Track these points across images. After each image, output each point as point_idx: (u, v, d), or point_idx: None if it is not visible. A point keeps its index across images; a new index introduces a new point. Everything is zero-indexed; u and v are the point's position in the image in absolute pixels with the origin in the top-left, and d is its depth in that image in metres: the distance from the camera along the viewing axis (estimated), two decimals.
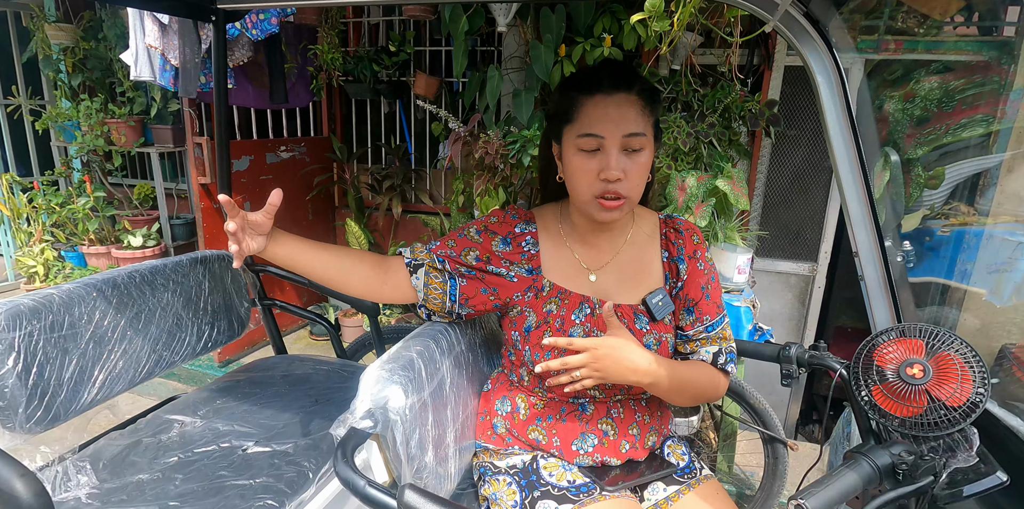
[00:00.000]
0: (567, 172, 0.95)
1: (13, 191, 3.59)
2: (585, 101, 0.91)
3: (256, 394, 1.51)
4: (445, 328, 1.09)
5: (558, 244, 1.02)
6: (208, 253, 1.59)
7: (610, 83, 0.90)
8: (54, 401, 1.15)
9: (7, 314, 1.10)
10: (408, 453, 0.87)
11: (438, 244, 1.03)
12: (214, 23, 1.60)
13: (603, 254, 1.03)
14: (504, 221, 1.04)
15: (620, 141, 0.90)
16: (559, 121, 0.95)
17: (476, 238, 1.03)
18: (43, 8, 3.50)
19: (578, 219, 1.02)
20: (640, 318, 0.99)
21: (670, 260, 1.03)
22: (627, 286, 1.01)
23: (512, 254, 1.01)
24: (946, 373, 0.92)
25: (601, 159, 0.90)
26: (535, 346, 0.98)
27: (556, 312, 0.99)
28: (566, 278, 1.01)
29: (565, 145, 0.94)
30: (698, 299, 1.01)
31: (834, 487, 0.68)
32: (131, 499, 1.10)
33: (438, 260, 1.01)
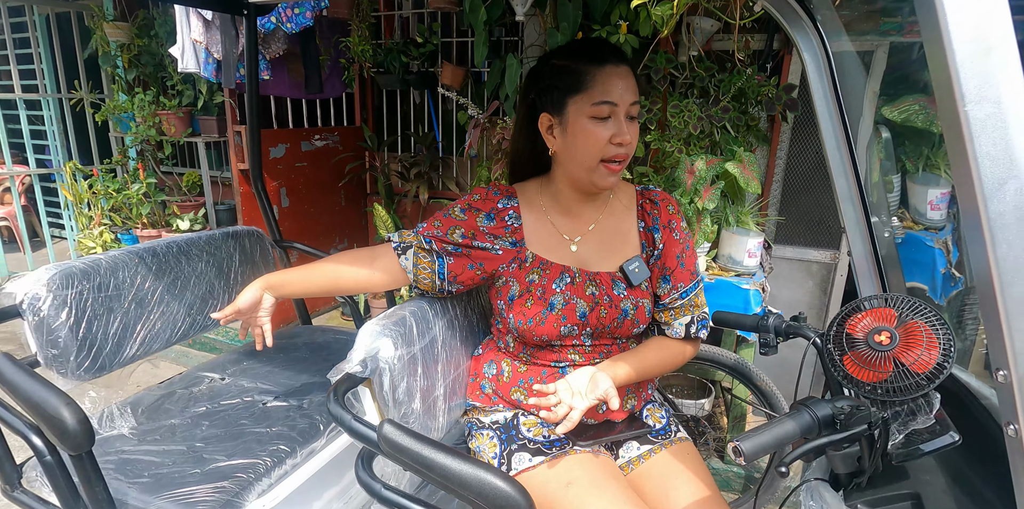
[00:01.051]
0: (574, 141, 0.98)
1: (76, 178, 3.88)
2: (597, 71, 0.95)
3: (279, 358, 1.65)
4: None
5: (539, 216, 1.08)
6: (239, 229, 1.73)
7: (615, 56, 0.97)
8: (100, 353, 1.30)
9: (61, 274, 1.25)
10: (396, 398, 0.96)
11: (424, 226, 1.08)
12: (246, 17, 1.73)
13: (583, 224, 1.08)
14: (487, 198, 1.08)
15: (627, 108, 0.96)
16: (564, 91, 0.97)
17: (461, 216, 1.07)
18: (102, 8, 3.76)
19: (565, 189, 1.06)
20: (618, 284, 1.06)
21: (646, 229, 1.09)
22: (606, 254, 1.07)
23: (496, 229, 1.06)
24: (913, 340, 0.94)
25: (611, 125, 0.96)
26: (518, 314, 1.05)
27: (538, 282, 1.04)
28: (548, 249, 1.06)
29: (572, 114, 0.97)
30: (674, 268, 1.07)
31: (771, 433, 0.73)
32: (163, 439, 1.24)
33: (425, 241, 1.06)
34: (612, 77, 0.95)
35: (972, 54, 0.44)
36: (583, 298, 1.03)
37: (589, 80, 0.95)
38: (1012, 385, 0.51)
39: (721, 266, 2.08)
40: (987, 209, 0.46)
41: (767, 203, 2.54)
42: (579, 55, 0.98)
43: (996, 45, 0.44)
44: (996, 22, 0.44)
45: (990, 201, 0.46)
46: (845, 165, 1.17)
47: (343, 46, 3.12)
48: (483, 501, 0.74)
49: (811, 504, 0.91)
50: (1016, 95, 0.45)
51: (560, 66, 0.99)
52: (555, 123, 1.00)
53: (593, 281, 1.05)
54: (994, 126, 0.45)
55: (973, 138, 0.45)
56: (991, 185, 0.46)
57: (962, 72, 0.45)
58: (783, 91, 2.14)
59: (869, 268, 1.19)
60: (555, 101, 0.99)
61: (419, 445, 0.77)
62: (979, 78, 0.45)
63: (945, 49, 0.45)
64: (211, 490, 1.08)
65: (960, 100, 0.45)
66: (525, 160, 1.11)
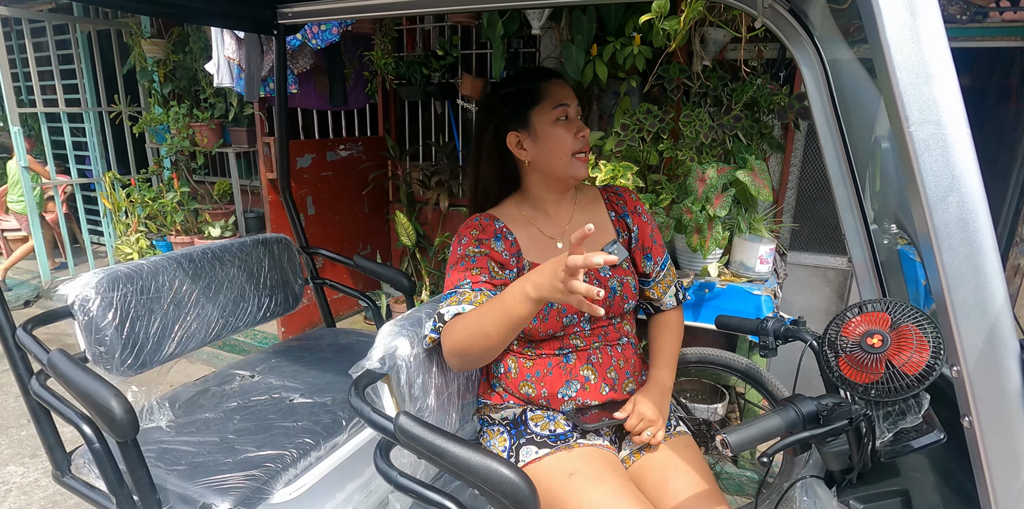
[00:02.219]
0: (546, 145, 1.12)
1: (115, 187, 4.08)
2: (545, 84, 1.13)
3: (305, 357, 1.74)
4: None
5: (525, 224, 1.18)
6: (269, 236, 1.83)
7: (550, 73, 1.16)
8: (142, 351, 1.41)
9: (108, 278, 1.36)
10: (411, 393, 1.04)
11: (470, 281, 1.05)
12: (275, 36, 1.84)
13: (561, 221, 1.19)
14: (483, 226, 1.13)
15: (575, 109, 1.13)
16: (525, 107, 1.12)
17: (482, 251, 1.10)
18: (140, 26, 3.96)
19: (541, 192, 1.18)
20: (603, 268, 1.14)
21: (618, 217, 1.23)
22: (587, 245, 1.15)
23: (508, 248, 1.13)
24: (904, 342, 0.98)
25: (572, 123, 1.13)
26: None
27: None
28: (541, 253, 1.16)
29: (539, 121, 1.12)
30: (651, 246, 1.23)
31: (756, 427, 0.78)
32: (198, 431, 1.33)
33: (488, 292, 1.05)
34: (557, 87, 1.13)
35: (914, 82, 0.50)
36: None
37: (542, 92, 1.13)
38: (964, 379, 0.56)
39: (733, 272, 2.11)
40: (933, 219, 0.52)
41: (782, 210, 2.57)
42: (524, 79, 1.15)
43: (936, 74, 0.49)
44: (935, 54, 0.49)
45: (935, 212, 0.51)
46: (844, 175, 1.21)
47: (367, 59, 3.25)
48: (489, 487, 0.80)
49: (805, 500, 0.95)
50: (955, 118, 0.50)
51: (512, 91, 1.14)
52: (523, 137, 1.14)
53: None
54: (936, 145, 0.50)
55: (918, 156, 0.51)
56: (935, 198, 0.51)
57: (906, 97, 0.50)
58: (795, 99, 2.17)
59: (869, 274, 1.23)
60: (519, 118, 1.14)
61: (432, 434, 0.84)
62: (921, 103, 0.50)
63: (890, 76, 0.51)
64: (242, 478, 1.17)
65: (905, 122, 0.51)
66: (495, 185, 1.20)
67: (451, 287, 1.07)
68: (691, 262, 2.14)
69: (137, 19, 4.06)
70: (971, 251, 0.51)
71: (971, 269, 0.51)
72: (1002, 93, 2.33)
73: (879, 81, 0.53)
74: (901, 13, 0.49)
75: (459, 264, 1.09)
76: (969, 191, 0.50)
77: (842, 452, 0.92)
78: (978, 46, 2.18)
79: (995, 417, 0.55)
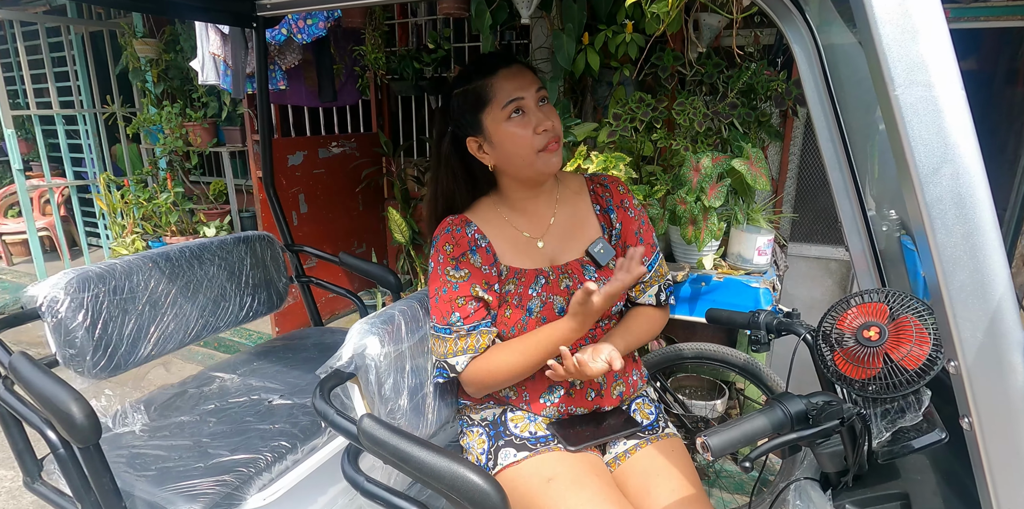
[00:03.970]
0: (504, 147, 1.02)
1: (110, 189, 4.06)
2: (491, 80, 1.01)
3: (288, 358, 1.69)
4: None
5: (501, 226, 1.09)
6: (250, 234, 1.78)
7: (501, 60, 1.02)
8: (115, 353, 1.36)
9: (79, 278, 1.31)
10: (382, 395, 0.98)
11: (460, 317, 1.02)
12: (255, 29, 1.79)
13: (542, 220, 1.11)
14: (455, 237, 1.06)
15: (535, 97, 1.01)
16: (474, 112, 1.03)
17: (462, 275, 1.04)
18: (132, 26, 3.93)
19: (514, 192, 1.09)
20: (588, 268, 1.08)
21: (602, 211, 1.13)
22: (570, 243, 1.10)
23: (484, 258, 1.06)
24: (903, 335, 0.92)
25: (529, 118, 1.01)
26: (499, 324, 1.07)
27: (514, 291, 1.06)
28: (518, 255, 1.08)
29: (491, 125, 1.02)
30: (635, 244, 1.12)
31: (739, 428, 0.72)
32: (172, 435, 1.29)
33: (483, 326, 1.04)
34: (506, 79, 1.01)
35: (899, 38, 0.44)
36: (558, 294, 1.06)
37: (489, 91, 1.01)
38: (962, 376, 0.50)
39: (730, 264, 2.05)
40: (924, 195, 0.46)
41: (781, 200, 2.50)
42: (472, 76, 1.04)
43: (924, 28, 0.43)
44: (924, 4, 0.43)
45: (927, 186, 0.45)
46: (840, 159, 1.15)
47: (357, 54, 3.19)
48: (456, 494, 0.75)
49: (798, 503, 0.89)
50: (947, 78, 0.44)
51: (461, 92, 1.04)
52: (482, 141, 1.05)
53: (565, 273, 1.08)
54: (926, 110, 0.44)
55: (906, 122, 0.45)
56: (926, 170, 0.45)
57: (890, 56, 0.44)
58: (793, 85, 2.10)
59: (867, 264, 1.17)
60: (471, 123, 1.04)
61: (396, 438, 0.79)
62: (908, 62, 0.44)
63: (872, 31, 0.45)
64: (213, 483, 1.12)
65: (890, 84, 0.45)
66: (462, 190, 1.11)
67: (440, 319, 1.04)
68: (686, 255, 2.07)
69: (130, 19, 4.03)
70: (968, 230, 0.45)
71: (968, 251, 0.45)
72: (1008, 76, 2.25)
73: (861, 38, 0.47)
74: None
75: (442, 291, 1.04)
76: (965, 162, 0.44)
77: (836, 453, 0.86)
78: (982, 27, 2.10)
79: (997, 418, 0.49)
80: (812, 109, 1.15)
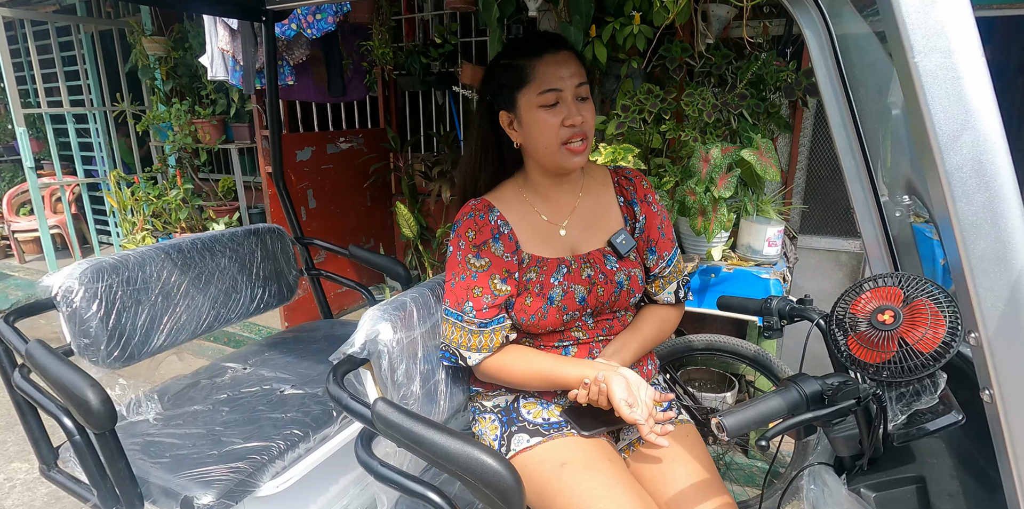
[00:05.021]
0: (531, 131, 1.01)
1: (120, 186, 4.09)
2: (536, 63, 0.99)
3: (299, 349, 1.70)
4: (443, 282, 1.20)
5: (525, 212, 1.08)
6: (261, 226, 1.79)
7: (550, 45, 1.00)
8: (129, 343, 1.37)
9: (92, 268, 1.32)
10: (395, 380, 0.99)
11: (473, 307, 1.02)
12: (264, 23, 1.80)
13: (565, 207, 1.10)
14: (477, 224, 1.05)
15: (574, 91, 0.99)
16: (511, 88, 1.02)
17: (483, 264, 1.03)
18: (141, 24, 3.95)
19: (539, 177, 1.09)
20: (609, 259, 1.08)
21: (626, 203, 1.13)
22: (592, 232, 1.09)
23: (506, 246, 1.05)
24: (918, 318, 0.91)
25: (560, 110, 0.99)
26: (519, 312, 1.06)
27: (535, 279, 1.06)
28: (540, 242, 1.08)
29: (523, 107, 1.01)
30: (657, 239, 1.12)
31: (755, 409, 0.72)
32: (186, 423, 1.30)
33: (496, 323, 1.03)
34: (551, 66, 0.99)
35: (918, 4, 0.44)
36: (580, 283, 1.05)
37: (530, 73, 1.00)
38: (983, 347, 0.49)
39: (740, 256, 2.04)
40: (944, 162, 0.45)
41: (791, 191, 2.48)
42: (519, 52, 1.02)
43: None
44: None
45: (947, 154, 0.45)
46: (852, 145, 1.14)
47: (364, 50, 3.20)
48: (471, 476, 0.75)
49: (812, 488, 0.89)
50: (968, 45, 0.44)
51: (504, 65, 1.03)
52: (513, 118, 1.05)
53: (587, 262, 1.07)
54: (946, 77, 0.44)
55: (925, 90, 0.45)
56: (946, 138, 0.45)
57: (909, 22, 0.44)
58: (803, 76, 2.09)
59: (880, 250, 1.16)
60: (507, 98, 1.04)
61: (410, 421, 0.79)
62: (927, 28, 0.44)
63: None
64: (226, 470, 1.13)
65: (909, 51, 0.44)
66: (489, 165, 1.11)
67: (454, 304, 1.04)
68: (696, 246, 2.07)
69: (139, 18, 4.06)
70: (989, 198, 0.45)
71: (989, 219, 0.45)
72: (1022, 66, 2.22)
73: (880, 7, 0.47)
74: None
75: (459, 277, 1.04)
76: (985, 128, 0.44)
77: (851, 436, 0.85)
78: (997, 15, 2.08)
79: (1019, 388, 0.48)
80: (824, 96, 1.14)
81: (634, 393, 0.91)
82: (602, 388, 0.92)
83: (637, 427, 0.90)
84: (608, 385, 0.91)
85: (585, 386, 0.95)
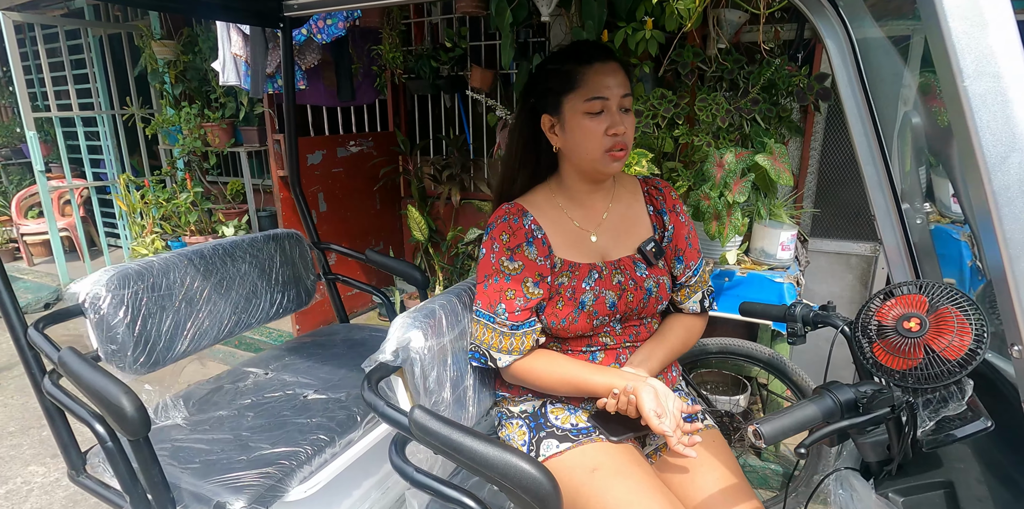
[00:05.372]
0: (573, 136, 1.04)
1: (129, 189, 4.11)
2: (586, 70, 1.02)
3: (319, 354, 1.72)
4: (470, 287, 1.21)
5: (558, 217, 1.10)
6: (280, 232, 1.81)
7: (601, 54, 1.02)
8: (155, 349, 1.39)
9: (119, 275, 1.34)
10: (427, 387, 1.00)
11: (506, 310, 1.04)
12: (282, 29, 1.81)
13: (596, 213, 1.13)
14: (513, 228, 1.06)
15: (619, 101, 1.02)
16: (557, 92, 1.04)
17: (516, 267, 1.05)
18: (150, 28, 3.97)
19: (574, 183, 1.11)
20: (639, 265, 1.10)
21: (656, 212, 1.15)
22: (622, 239, 1.11)
23: (540, 251, 1.07)
24: (944, 326, 0.92)
25: (605, 118, 1.02)
26: (550, 316, 1.08)
27: (567, 283, 1.07)
28: (573, 248, 1.09)
29: (569, 111, 1.03)
30: (684, 248, 1.14)
31: (791, 416, 0.73)
32: (212, 428, 1.32)
33: (529, 324, 1.05)
34: (600, 74, 1.01)
35: (968, 30, 0.45)
36: (611, 289, 1.07)
37: (579, 79, 1.02)
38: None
39: (753, 260, 2.05)
40: (992, 183, 0.47)
41: (802, 195, 2.49)
42: (569, 58, 1.04)
43: (993, 20, 0.45)
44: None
45: (994, 175, 0.46)
46: (873, 152, 1.15)
47: (374, 54, 3.22)
48: (509, 482, 0.77)
49: (840, 493, 0.90)
50: (1016, 70, 0.45)
51: (553, 70, 1.06)
52: (555, 122, 1.07)
53: (618, 268, 1.10)
54: (994, 100, 0.45)
55: (973, 113, 0.46)
56: (994, 159, 0.46)
57: (959, 48, 0.45)
58: (815, 81, 2.10)
59: (901, 256, 1.17)
60: (552, 102, 1.06)
61: (448, 429, 0.81)
62: (977, 53, 0.45)
63: (941, 25, 0.46)
64: (257, 475, 1.15)
65: (959, 75, 0.46)
66: (526, 166, 1.13)
67: (486, 306, 1.05)
68: (710, 250, 2.08)
69: (147, 21, 4.08)
70: None
71: None
72: None
73: (927, 32, 0.48)
74: None
75: (492, 279, 1.06)
76: None
77: (879, 442, 0.87)
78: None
79: None
80: (846, 104, 1.15)
81: (662, 404, 0.93)
82: (631, 399, 0.93)
83: (665, 438, 0.91)
84: (637, 396, 0.93)
85: (614, 396, 0.96)
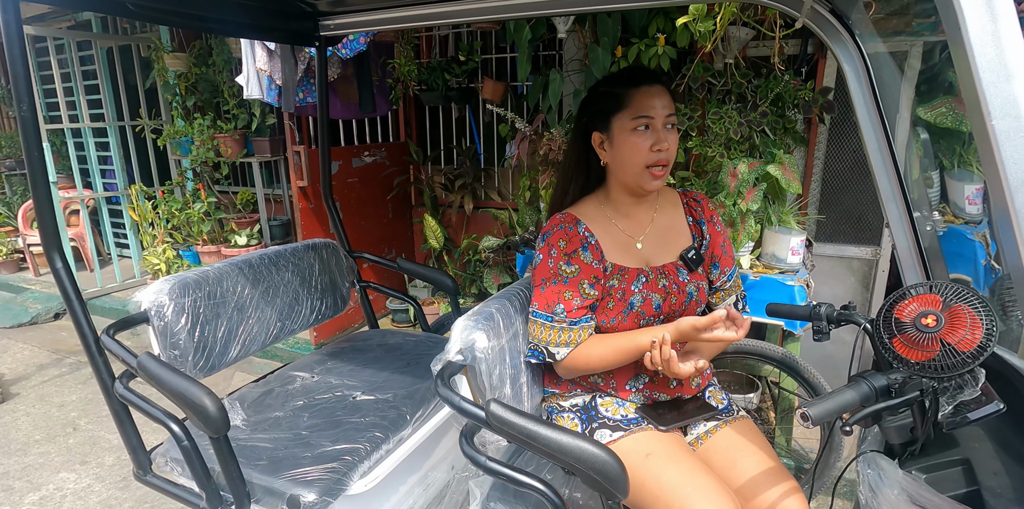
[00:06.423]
0: (619, 151, 1.15)
1: (140, 200, 4.16)
2: (634, 91, 1.13)
3: (358, 358, 1.80)
4: (519, 291, 1.31)
5: (607, 226, 1.21)
6: (318, 241, 1.90)
7: (648, 78, 1.14)
8: (211, 354, 1.47)
9: (179, 284, 1.42)
10: (491, 383, 1.10)
11: (564, 308, 1.13)
12: (317, 48, 1.91)
13: (641, 223, 1.23)
14: (568, 235, 1.15)
15: (664, 119, 1.12)
16: (608, 112, 1.15)
17: (573, 270, 1.14)
18: (160, 40, 4.05)
19: (619, 195, 1.22)
20: (681, 271, 1.20)
21: (695, 223, 1.26)
22: (666, 247, 1.21)
23: (594, 255, 1.16)
24: (958, 322, 1.03)
25: (651, 135, 1.12)
26: (601, 315, 1.18)
27: (618, 286, 1.18)
28: (621, 254, 1.20)
29: (617, 130, 1.14)
30: (720, 255, 1.25)
31: (834, 401, 0.84)
32: (271, 428, 1.40)
33: (584, 322, 1.15)
34: (647, 96, 1.12)
35: (995, 80, 0.56)
36: (657, 292, 1.18)
37: (627, 100, 1.13)
38: None
39: (765, 264, 2.16)
40: (1014, 203, 0.57)
41: (807, 202, 2.61)
42: (618, 81, 1.16)
43: (1015, 72, 0.55)
44: (1014, 54, 0.55)
45: (1016, 195, 0.57)
46: (887, 164, 1.26)
47: (390, 67, 3.31)
48: (583, 465, 0.86)
49: (869, 472, 1.00)
50: None
51: (604, 92, 1.18)
52: (604, 139, 1.18)
53: (662, 273, 1.20)
54: (1017, 136, 0.56)
55: (999, 146, 0.57)
56: (1016, 183, 0.57)
57: (988, 94, 0.56)
58: (819, 94, 2.23)
59: (913, 260, 1.28)
60: (602, 121, 1.18)
61: (524, 420, 0.90)
62: (1002, 99, 0.56)
63: (973, 76, 0.56)
64: (323, 470, 1.23)
65: (987, 116, 0.57)
66: (577, 180, 1.25)
67: (544, 307, 1.14)
68: None
69: (158, 34, 4.15)
70: None
71: None
72: None
73: (960, 80, 0.59)
74: (984, 21, 0.55)
75: (551, 282, 1.15)
76: None
77: (904, 426, 0.97)
78: None
79: None
80: (861, 120, 1.26)
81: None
82: (665, 337, 1.04)
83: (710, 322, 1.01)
84: (673, 326, 1.06)
85: (654, 345, 1.05)
